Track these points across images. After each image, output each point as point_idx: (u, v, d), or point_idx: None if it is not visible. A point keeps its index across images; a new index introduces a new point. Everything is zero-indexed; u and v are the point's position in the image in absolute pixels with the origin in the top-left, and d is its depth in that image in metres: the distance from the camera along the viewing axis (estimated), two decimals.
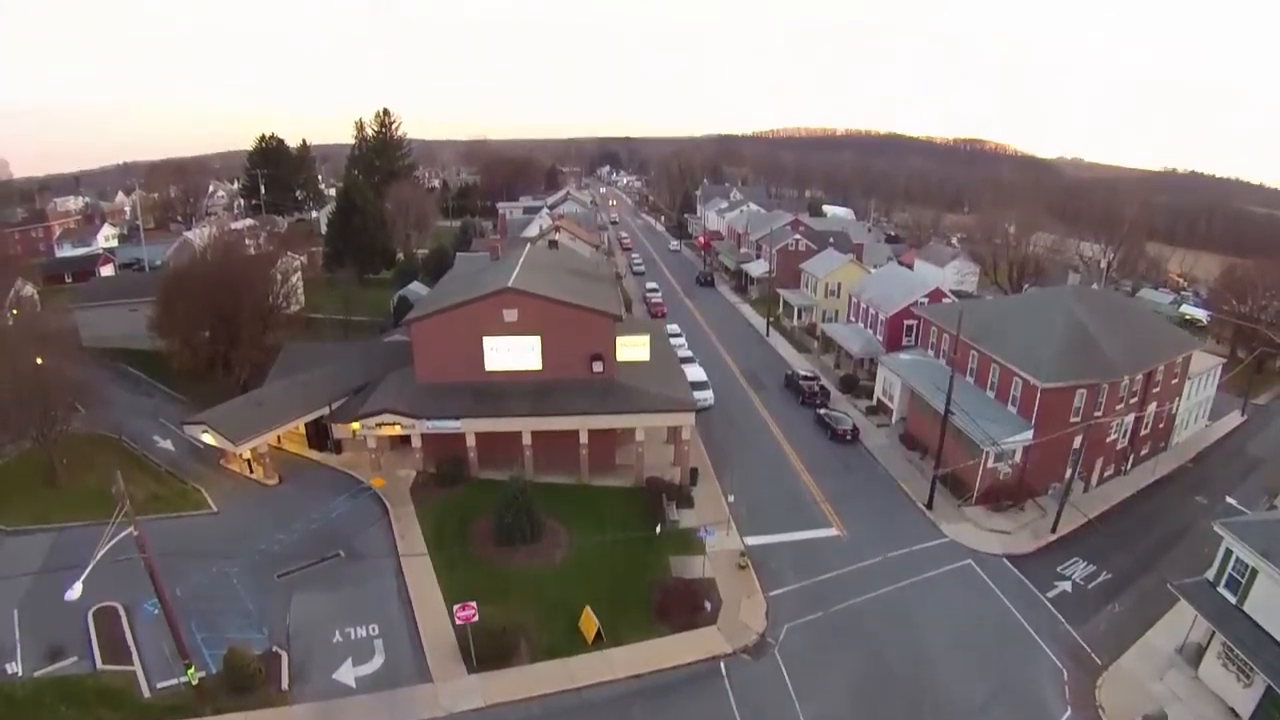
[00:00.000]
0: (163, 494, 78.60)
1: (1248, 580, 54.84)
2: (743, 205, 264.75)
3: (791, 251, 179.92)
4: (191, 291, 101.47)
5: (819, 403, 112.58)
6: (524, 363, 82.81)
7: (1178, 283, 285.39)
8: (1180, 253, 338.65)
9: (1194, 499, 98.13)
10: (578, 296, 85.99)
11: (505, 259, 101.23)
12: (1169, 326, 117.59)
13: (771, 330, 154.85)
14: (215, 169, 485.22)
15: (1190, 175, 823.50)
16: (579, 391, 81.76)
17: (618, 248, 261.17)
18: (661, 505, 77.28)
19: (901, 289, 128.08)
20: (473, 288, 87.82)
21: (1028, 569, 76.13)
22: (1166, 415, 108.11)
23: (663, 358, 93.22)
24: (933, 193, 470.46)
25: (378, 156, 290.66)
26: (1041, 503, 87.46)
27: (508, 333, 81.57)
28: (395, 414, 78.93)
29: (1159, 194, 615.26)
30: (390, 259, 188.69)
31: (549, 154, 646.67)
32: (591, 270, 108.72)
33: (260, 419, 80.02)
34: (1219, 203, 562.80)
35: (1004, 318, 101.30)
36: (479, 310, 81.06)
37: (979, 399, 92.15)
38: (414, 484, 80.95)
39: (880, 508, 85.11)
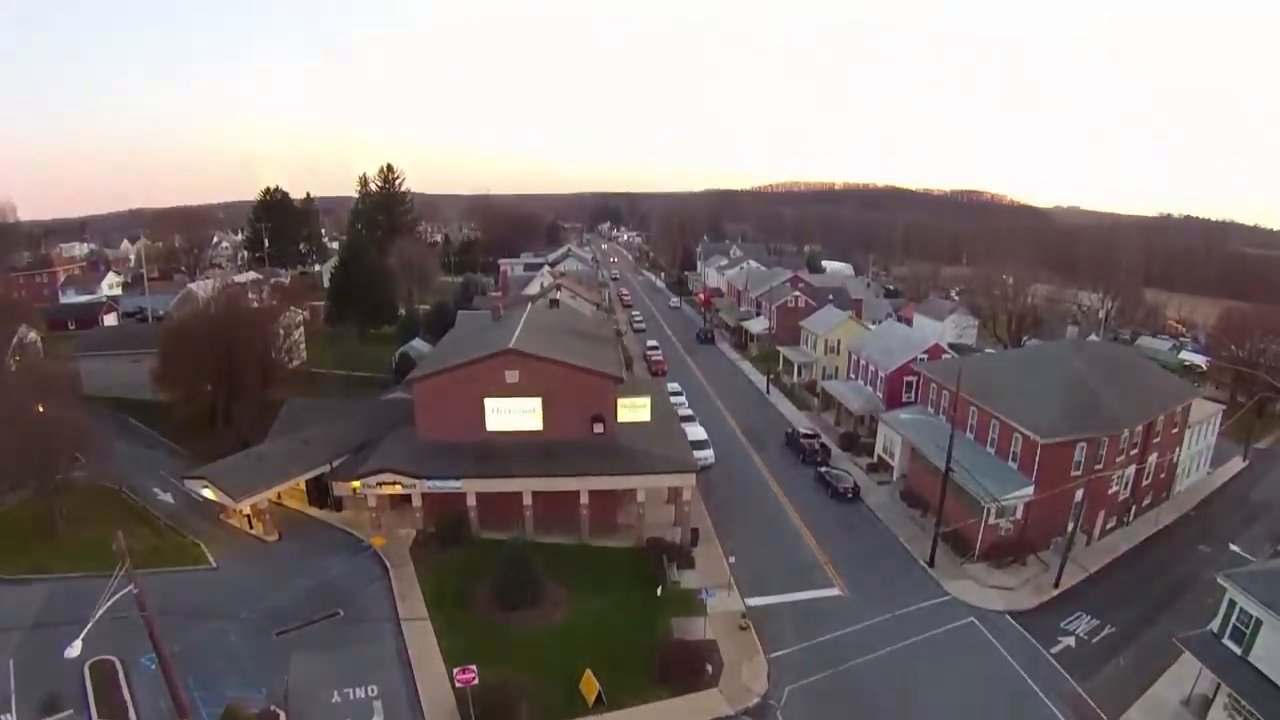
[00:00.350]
0: (162, 548, 78.37)
1: (1252, 631, 54.92)
2: (743, 262, 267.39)
3: (791, 308, 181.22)
4: (193, 345, 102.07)
5: (820, 461, 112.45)
6: (525, 423, 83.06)
7: (1176, 329, 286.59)
8: (1178, 298, 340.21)
9: (1197, 548, 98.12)
10: (579, 358, 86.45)
11: (507, 318, 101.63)
12: (1168, 376, 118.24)
13: (772, 387, 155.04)
14: (220, 218, 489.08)
15: (1185, 219, 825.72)
16: (580, 452, 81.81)
17: (619, 304, 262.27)
18: (662, 566, 77.07)
19: (901, 345, 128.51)
20: (474, 348, 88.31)
21: (1031, 625, 75.83)
22: (1168, 465, 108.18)
23: (664, 418, 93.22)
24: (931, 245, 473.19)
25: (381, 211, 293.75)
26: (1044, 557, 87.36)
27: (509, 394, 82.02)
28: (396, 473, 79.06)
29: (1155, 239, 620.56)
30: (392, 314, 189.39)
31: (551, 209, 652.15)
32: (593, 330, 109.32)
33: (261, 475, 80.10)
34: (1215, 246, 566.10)
35: (1003, 373, 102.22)
36: (481, 371, 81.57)
37: (979, 455, 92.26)
38: (414, 542, 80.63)
39: (882, 566, 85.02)
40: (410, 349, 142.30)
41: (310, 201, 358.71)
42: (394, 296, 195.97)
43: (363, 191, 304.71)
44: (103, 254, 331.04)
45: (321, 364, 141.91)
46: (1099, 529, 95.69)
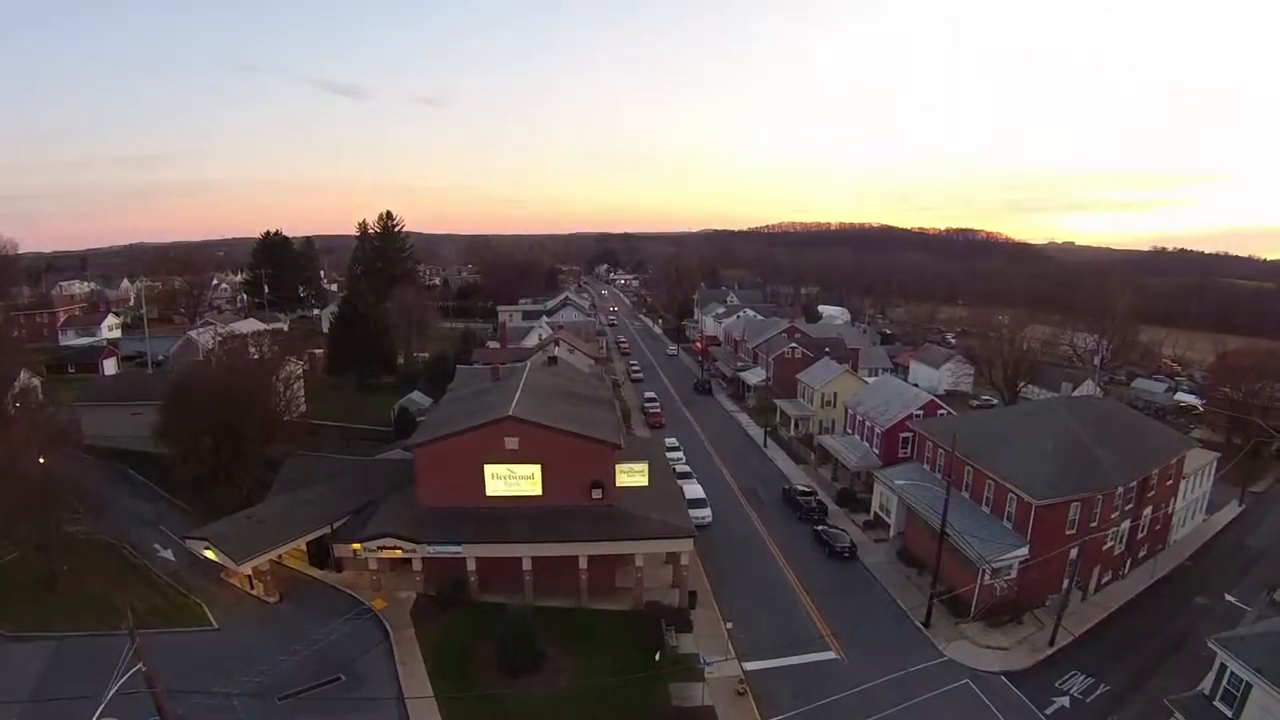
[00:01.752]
0: (163, 607, 78.50)
1: (1242, 695, 55.73)
2: (740, 311, 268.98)
3: (788, 359, 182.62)
4: (194, 402, 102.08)
5: (817, 519, 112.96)
6: (525, 489, 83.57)
7: (1172, 368, 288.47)
8: (1174, 334, 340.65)
9: (1193, 600, 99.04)
10: (578, 424, 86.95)
11: (506, 380, 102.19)
12: (1162, 429, 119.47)
13: (769, 441, 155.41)
14: (219, 256, 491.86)
15: (1179, 253, 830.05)
16: (579, 518, 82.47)
17: (616, 352, 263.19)
18: (660, 631, 77.59)
19: (897, 402, 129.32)
20: (474, 411, 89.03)
21: (1026, 686, 76.26)
22: (1163, 516, 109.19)
23: (662, 480, 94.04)
24: (927, 286, 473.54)
25: (380, 258, 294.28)
26: (1040, 615, 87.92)
27: (509, 460, 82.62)
28: (397, 538, 79.68)
29: (1149, 275, 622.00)
30: (391, 364, 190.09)
31: (548, 252, 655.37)
32: (591, 392, 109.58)
33: (262, 537, 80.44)
34: (1209, 282, 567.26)
35: (998, 431, 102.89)
36: (480, 438, 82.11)
37: (974, 514, 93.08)
38: (414, 606, 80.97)
39: (878, 628, 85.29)
40: (409, 402, 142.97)
41: (310, 245, 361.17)
42: (393, 347, 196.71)
43: (362, 237, 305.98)
44: (103, 295, 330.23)
45: (321, 415, 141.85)
46: (1094, 583, 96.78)
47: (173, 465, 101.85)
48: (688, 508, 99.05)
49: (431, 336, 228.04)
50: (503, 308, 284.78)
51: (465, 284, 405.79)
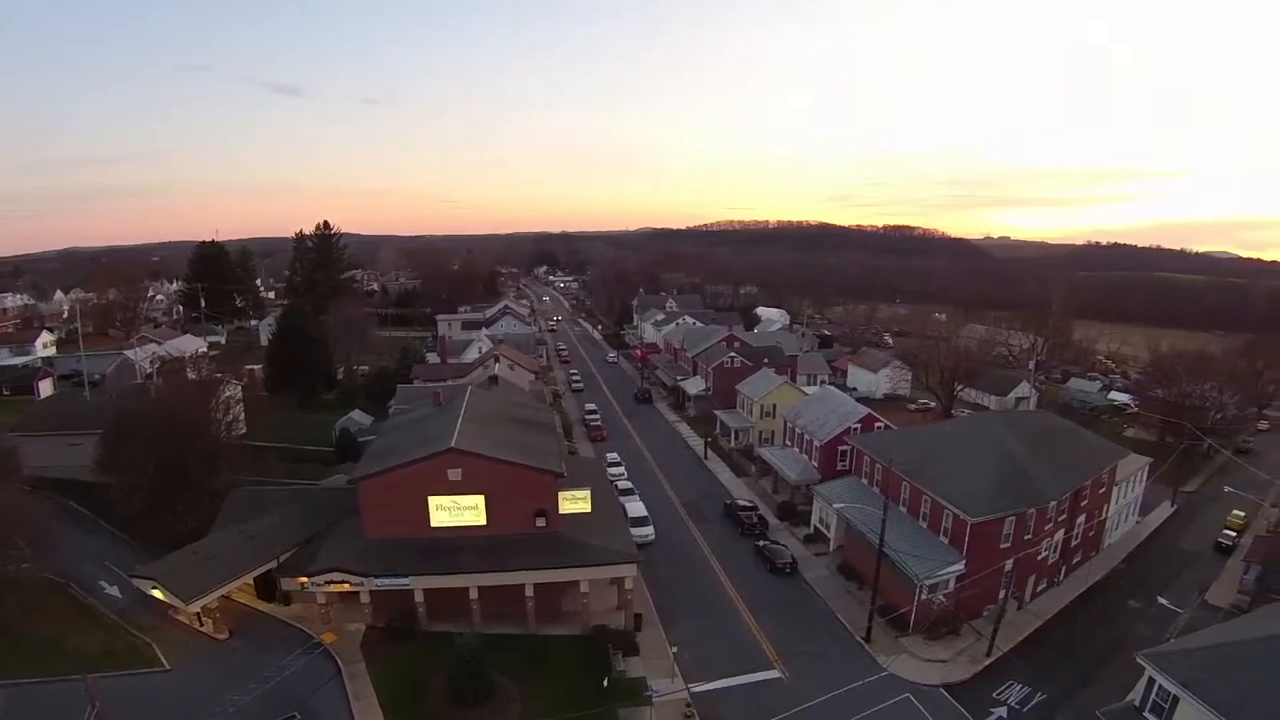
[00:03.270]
0: (114, 648, 77.96)
1: (1170, 706, 58.29)
2: (679, 318, 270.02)
3: (728, 369, 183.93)
4: (135, 435, 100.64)
5: (758, 534, 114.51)
6: (469, 519, 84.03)
7: (1105, 365, 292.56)
8: (1109, 328, 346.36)
9: (1127, 604, 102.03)
10: (520, 453, 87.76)
11: (447, 408, 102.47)
12: (1094, 441, 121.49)
13: (709, 452, 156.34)
14: (155, 262, 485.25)
15: (1113, 247, 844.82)
16: (524, 546, 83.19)
17: (556, 361, 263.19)
18: (608, 656, 78.82)
19: (835, 416, 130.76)
20: (416, 442, 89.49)
21: (965, 698, 78.17)
22: (1096, 523, 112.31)
23: (605, 505, 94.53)
24: (866, 285, 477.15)
25: (318, 270, 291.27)
26: (978, 625, 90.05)
27: (452, 492, 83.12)
28: (344, 572, 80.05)
29: (1084, 269, 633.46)
30: (331, 380, 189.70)
31: (488, 254, 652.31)
32: (533, 416, 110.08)
33: (210, 574, 79.93)
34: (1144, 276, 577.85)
35: (934, 448, 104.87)
36: (423, 470, 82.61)
37: (912, 529, 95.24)
38: (364, 638, 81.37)
39: (821, 644, 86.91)
40: (350, 421, 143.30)
41: (247, 254, 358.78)
42: (333, 363, 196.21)
43: (299, 247, 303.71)
44: (36, 309, 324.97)
45: (263, 436, 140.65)
46: (1030, 593, 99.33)
47: (116, 498, 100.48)
48: (630, 526, 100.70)
49: (371, 348, 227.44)
50: (442, 317, 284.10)
51: (404, 290, 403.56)
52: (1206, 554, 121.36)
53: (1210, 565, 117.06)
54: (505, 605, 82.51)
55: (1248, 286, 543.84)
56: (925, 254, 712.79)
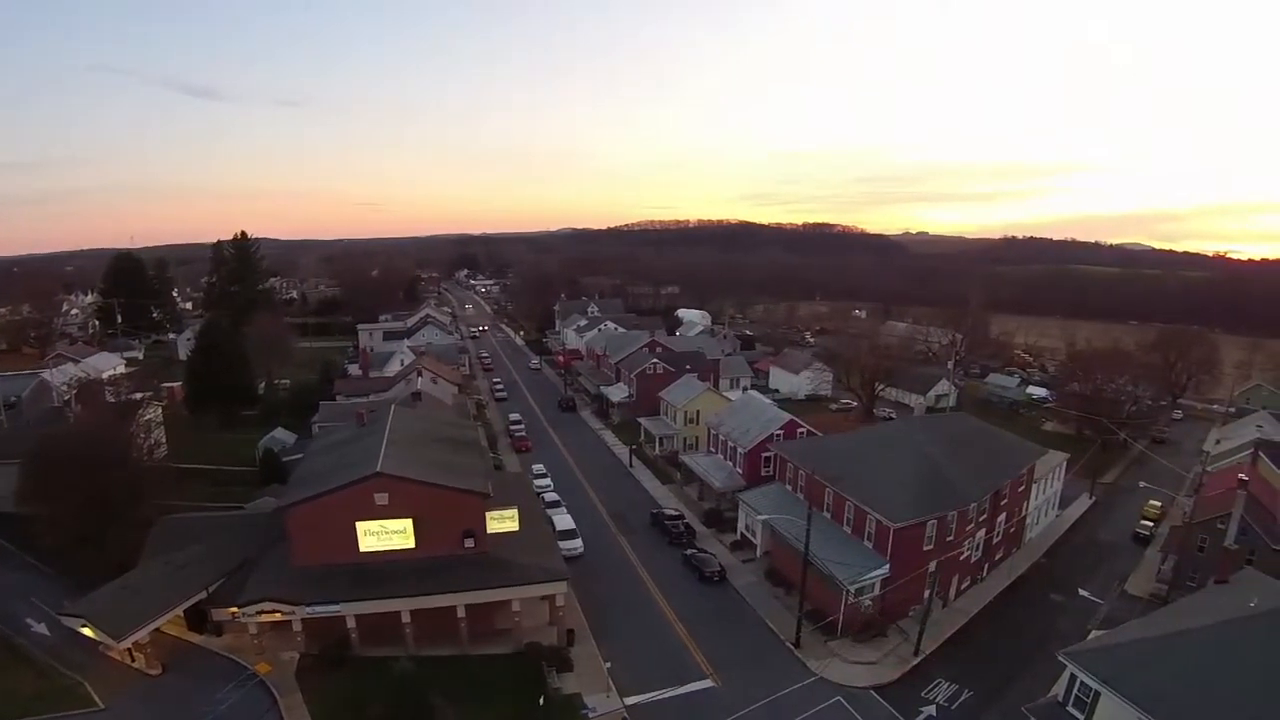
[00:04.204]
0: (45, 691, 76.58)
1: (1093, 702, 60.94)
2: (601, 324, 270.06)
3: (650, 376, 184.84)
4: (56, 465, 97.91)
5: (686, 542, 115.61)
6: (397, 543, 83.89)
7: (1024, 359, 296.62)
8: (1027, 321, 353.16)
9: (1050, 597, 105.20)
10: (447, 474, 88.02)
11: (371, 428, 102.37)
12: (1012, 441, 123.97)
13: (634, 460, 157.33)
14: (68, 271, 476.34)
15: (1029, 241, 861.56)
16: (453, 568, 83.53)
17: (479, 368, 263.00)
18: (543, 673, 79.66)
19: (757, 422, 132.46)
20: (342, 466, 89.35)
21: (894, 698, 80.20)
22: (1017, 520, 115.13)
23: (532, 522, 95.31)
24: (787, 284, 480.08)
25: (236, 281, 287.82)
26: (904, 625, 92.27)
27: (380, 516, 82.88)
28: (275, 601, 79.76)
29: (1001, 263, 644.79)
30: (253, 397, 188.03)
31: (408, 257, 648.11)
32: (458, 434, 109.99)
33: (139, 609, 78.99)
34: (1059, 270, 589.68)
35: (856, 454, 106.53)
36: (350, 496, 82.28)
37: (836, 535, 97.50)
38: (299, 666, 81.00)
39: (751, 652, 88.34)
40: (273, 441, 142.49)
41: (163, 265, 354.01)
42: (253, 378, 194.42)
43: (216, 258, 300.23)
44: None
45: (185, 458, 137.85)
46: (955, 591, 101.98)
47: (39, 531, 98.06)
48: (559, 539, 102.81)
49: (292, 361, 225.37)
50: (363, 327, 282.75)
51: (324, 298, 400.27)
52: (1125, 545, 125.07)
53: (1129, 555, 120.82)
54: (438, 627, 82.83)
55: (1161, 278, 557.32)
56: (845, 251, 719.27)
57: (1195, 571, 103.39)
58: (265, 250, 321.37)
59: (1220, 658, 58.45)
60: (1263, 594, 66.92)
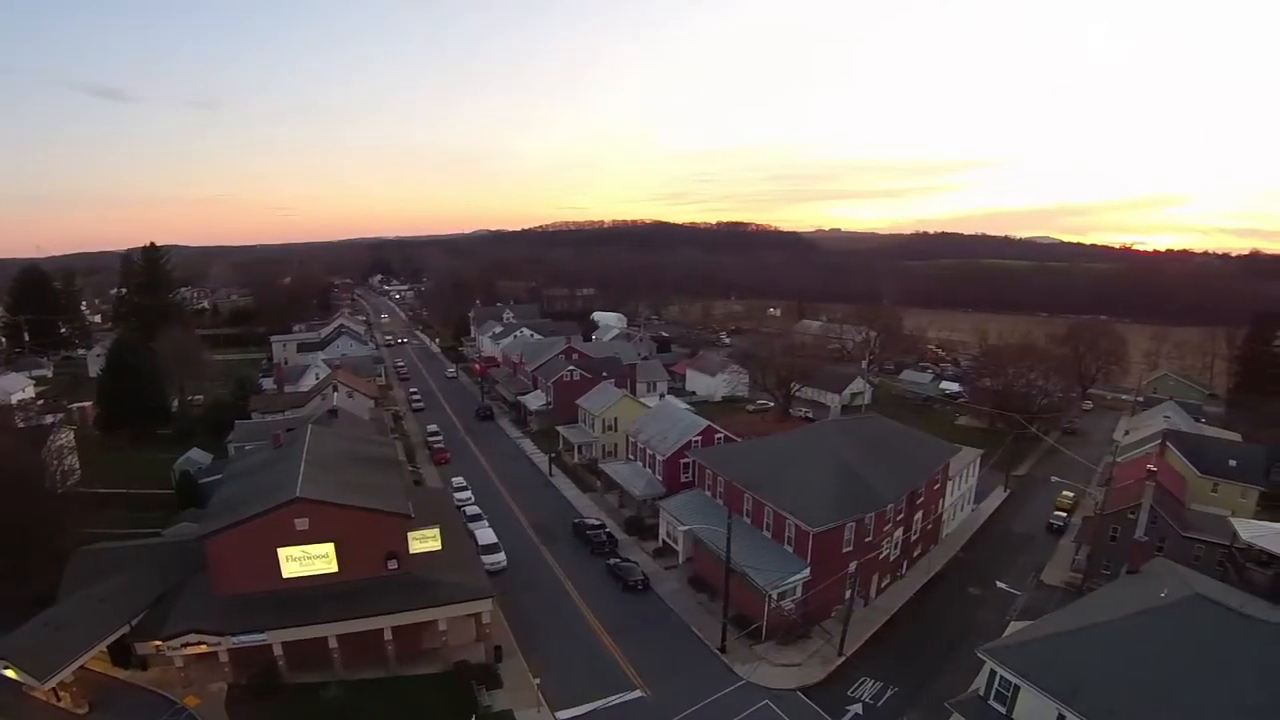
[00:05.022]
0: None
1: (1013, 695, 63.63)
2: (517, 330, 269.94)
3: (568, 383, 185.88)
4: None
5: (608, 552, 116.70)
6: (320, 568, 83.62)
7: (936, 354, 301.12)
8: (940, 316, 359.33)
9: (968, 590, 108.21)
10: (367, 496, 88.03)
11: (288, 450, 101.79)
12: (928, 441, 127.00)
13: (554, 469, 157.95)
14: None
15: (941, 235, 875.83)
16: (378, 590, 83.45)
17: (396, 378, 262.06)
18: (473, 692, 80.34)
19: (675, 429, 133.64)
20: (260, 491, 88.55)
21: (821, 698, 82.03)
22: (934, 517, 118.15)
23: (455, 540, 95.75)
24: (702, 283, 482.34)
25: (146, 294, 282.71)
26: (827, 626, 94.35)
27: (301, 541, 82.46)
28: (199, 633, 79.06)
29: (913, 258, 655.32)
30: (166, 414, 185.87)
31: (321, 263, 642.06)
32: (376, 452, 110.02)
33: (62, 647, 77.42)
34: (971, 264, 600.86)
35: (774, 460, 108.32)
36: (270, 522, 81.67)
37: (757, 539, 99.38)
38: (228, 697, 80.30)
39: (679, 659, 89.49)
40: (189, 462, 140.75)
41: (72, 279, 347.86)
42: (166, 396, 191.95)
43: (126, 270, 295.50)
44: None
45: (100, 482, 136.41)
46: (875, 589, 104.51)
47: None
48: (481, 553, 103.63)
49: (204, 375, 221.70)
50: (276, 338, 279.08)
51: (236, 308, 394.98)
52: (1040, 535, 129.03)
53: (1044, 546, 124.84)
54: (366, 650, 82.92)
55: (1070, 270, 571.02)
56: (759, 249, 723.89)
57: (1108, 560, 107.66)
58: (176, 258, 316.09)
59: (1133, 648, 61.62)
60: (1172, 584, 70.19)
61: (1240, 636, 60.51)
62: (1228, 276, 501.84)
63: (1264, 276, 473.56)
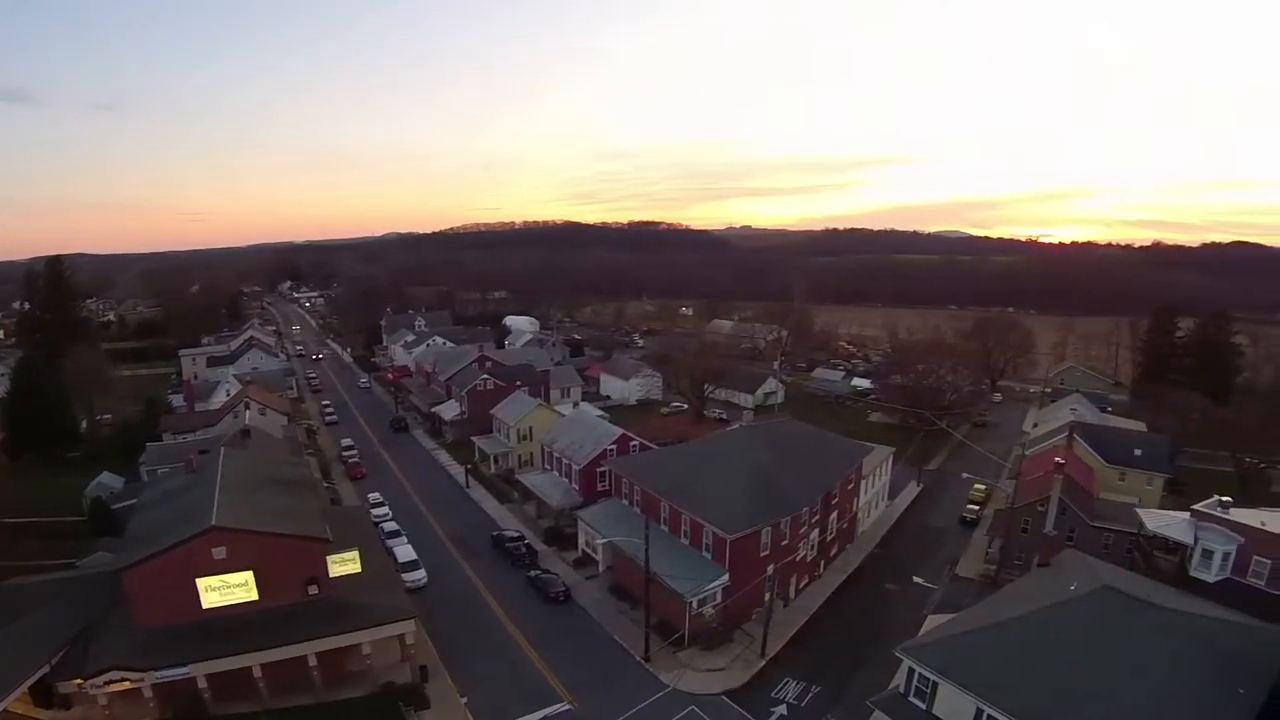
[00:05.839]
0: None
1: (932, 691, 66.33)
2: (429, 339, 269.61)
3: (482, 392, 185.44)
4: None
5: (528, 564, 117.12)
6: (240, 596, 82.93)
7: (847, 351, 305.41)
8: (851, 312, 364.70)
9: (885, 586, 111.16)
10: (284, 521, 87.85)
11: (203, 475, 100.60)
12: (841, 442, 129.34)
13: (471, 480, 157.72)
14: None
15: (851, 232, 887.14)
16: (300, 616, 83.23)
17: (308, 390, 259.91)
18: (400, 713, 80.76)
19: (590, 438, 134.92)
20: (176, 520, 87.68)
21: (746, 701, 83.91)
22: (850, 517, 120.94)
23: (375, 561, 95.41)
24: (614, 284, 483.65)
25: (49, 309, 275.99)
26: (749, 629, 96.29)
27: (220, 570, 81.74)
28: (121, 669, 77.97)
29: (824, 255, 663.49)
30: (75, 436, 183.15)
31: (231, 269, 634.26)
32: (291, 473, 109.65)
33: None
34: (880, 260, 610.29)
35: (690, 467, 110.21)
36: (187, 553, 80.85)
37: (675, 547, 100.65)
38: None
39: (604, 670, 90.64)
40: (100, 487, 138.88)
41: None
42: (75, 417, 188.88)
43: (29, 286, 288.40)
44: None
45: (9, 509, 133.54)
46: (794, 590, 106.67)
47: None
48: (402, 571, 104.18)
49: (113, 392, 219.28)
50: (185, 352, 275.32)
51: (143, 320, 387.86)
52: (953, 529, 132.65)
53: (958, 539, 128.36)
54: (291, 677, 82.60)
55: (978, 263, 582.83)
56: (671, 248, 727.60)
57: (1021, 552, 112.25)
58: (82, 267, 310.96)
59: (1047, 641, 64.91)
60: (1082, 577, 73.69)
61: (1148, 625, 64.43)
62: (1131, 267, 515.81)
63: (1166, 266, 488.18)
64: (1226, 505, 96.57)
